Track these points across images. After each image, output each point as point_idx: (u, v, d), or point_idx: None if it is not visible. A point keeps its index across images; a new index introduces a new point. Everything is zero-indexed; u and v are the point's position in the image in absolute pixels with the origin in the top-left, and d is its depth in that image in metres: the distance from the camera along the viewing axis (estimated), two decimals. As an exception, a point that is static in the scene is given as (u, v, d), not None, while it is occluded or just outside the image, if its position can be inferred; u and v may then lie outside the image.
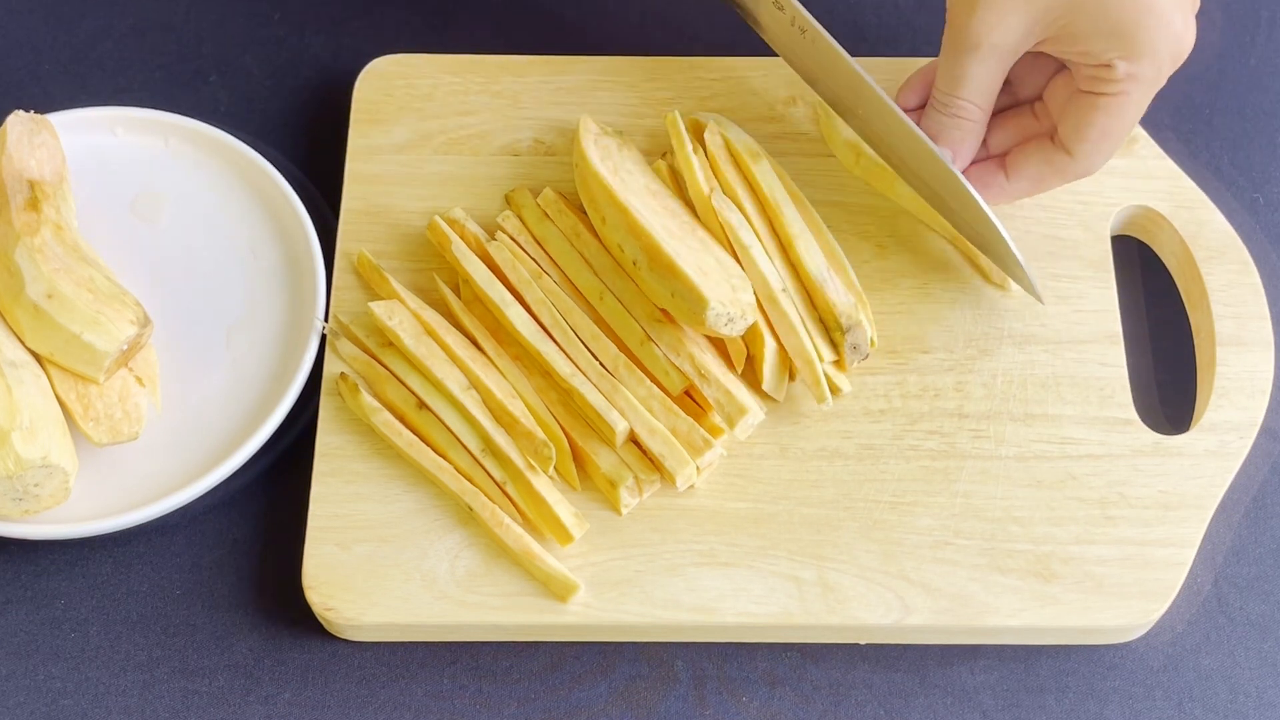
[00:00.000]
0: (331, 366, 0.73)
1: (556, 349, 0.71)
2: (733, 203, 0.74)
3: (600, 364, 0.71)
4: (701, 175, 0.75)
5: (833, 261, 0.74)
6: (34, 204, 0.71)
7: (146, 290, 0.73)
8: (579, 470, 0.70)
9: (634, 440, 0.70)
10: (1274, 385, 0.73)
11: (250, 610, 0.70)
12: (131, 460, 0.71)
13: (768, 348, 0.71)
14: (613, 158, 0.75)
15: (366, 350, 0.73)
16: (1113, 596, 0.68)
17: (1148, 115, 0.71)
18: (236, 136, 0.78)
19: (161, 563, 0.71)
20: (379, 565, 0.68)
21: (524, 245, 0.75)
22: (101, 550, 0.71)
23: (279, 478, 0.73)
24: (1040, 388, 0.73)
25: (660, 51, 0.82)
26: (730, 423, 0.70)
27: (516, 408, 0.70)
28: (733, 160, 0.76)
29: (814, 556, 0.69)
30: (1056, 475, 0.71)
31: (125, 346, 0.69)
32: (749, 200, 0.75)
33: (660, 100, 0.80)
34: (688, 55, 0.81)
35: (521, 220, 0.76)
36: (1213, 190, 0.78)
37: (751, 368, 0.72)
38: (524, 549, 0.68)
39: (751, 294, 0.70)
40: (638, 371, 0.71)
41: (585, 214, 0.75)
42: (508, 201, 0.77)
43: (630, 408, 0.70)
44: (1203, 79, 0.84)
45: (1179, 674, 0.69)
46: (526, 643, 0.69)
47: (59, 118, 0.78)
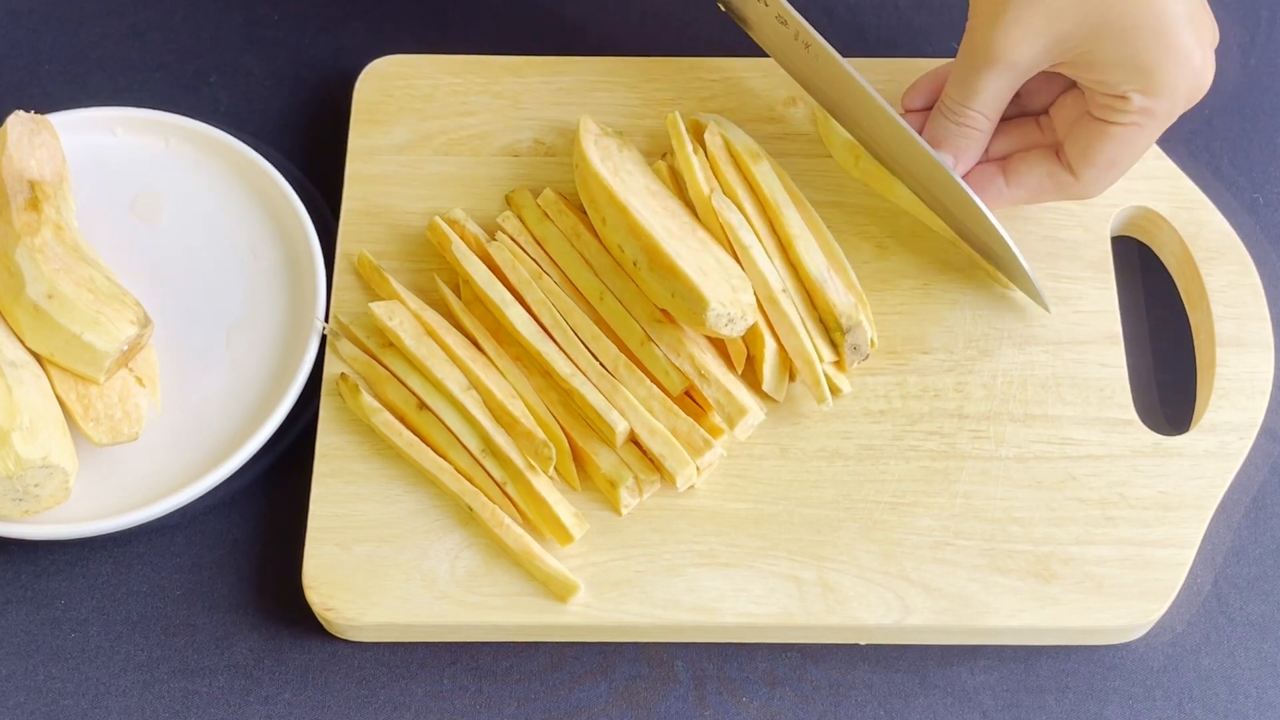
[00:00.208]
0: (332, 367, 0.73)
1: (556, 349, 0.71)
2: (733, 203, 0.74)
3: (600, 364, 0.71)
4: (701, 176, 0.75)
5: (833, 262, 0.74)
6: (34, 204, 0.71)
7: (146, 290, 0.73)
8: (579, 470, 0.70)
9: (634, 440, 0.70)
10: (1274, 386, 0.73)
11: (250, 610, 0.70)
12: (131, 460, 0.71)
13: (768, 348, 0.71)
14: (613, 158, 0.75)
15: (367, 350, 0.73)
16: (1113, 597, 0.68)
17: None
18: (236, 136, 0.78)
19: (161, 563, 0.71)
20: (379, 565, 0.68)
21: (524, 246, 0.75)
22: (101, 550, 0.71)
23: (279, 478, 0.73)
24: (1040, 388, 0.73)
25: (660, 51, 0.82)
26: (730, 423, 0.70)
27: (517, 408, 0.70)
28: (733, 161, 0.76)
29: (814, 557, 0.69)
30: (1056, 476, 0.71)
31: (125, 346, 0.69)
32: (749, 201, 0.75)
33: (660, 100, 0.80)
34: (688, 55, 0.81)
35: (522, 221, 0.76)
36: (1213, 190, 0.78)
37: (751, 368, 0.72)
38: (524, 549, 0.68)
39: (752, 294, 0.70)
40: (638, 372, 0.71)
41: (585, 214, 0.75)
42: (508, 202, 0.77)
43: (630, 408, 0.70)
44: (1203, 79, 0.84)
45: (1179, 674, 0.69)
46: (526, 643, 0.69)
47: (59, 118, 0.78)
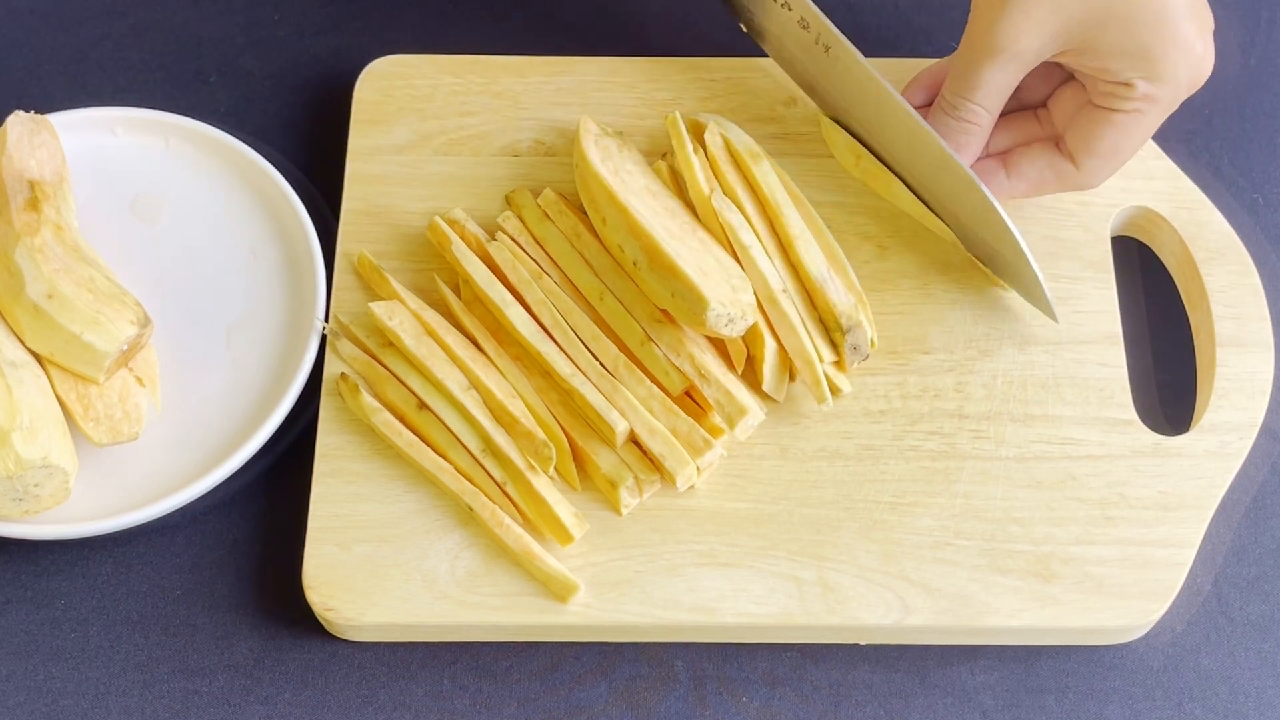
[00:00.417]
0: (332, 367, 0.73)
1: (557, 349, 0.71)
2: (733, 203, 0.74)
3: (600, 364, 0.71)
4: (702, 176, 0.75)
5: (833, 262, 0.74)
6: (34, 204, 0.71)
7: (146, 290, 0.73)
8: (579, 470, 0.70)
9: (634, 440, 0.70)
10: (1274, 386, 0.73)
11: (250, 610, 0.70)
12: (131, 460, 0.71)
13: (768, 348, 0.71)
14: (613, 158, 0.75)
15: (367, 350, 0.73)
16: (1113, 597, 0.68)
17: (1148, 115, 0.71)
18: (236, 136, 0.78)
19: (161, 563, 0.71)
20: (379, 565, 0.68)
21: (524, 246, 0.75)
22: (101, 550, 0.71)
23: (279, 478, 0.73)
24: (1040, 388, 0.73)
25: (660, 51, 0.82)
26: (730, 423, 0.70)
27: (517, 408, 0.70)
28: (733, 161, 0.76)
29: (814, 557, 0.69)
30: (1056, 476, 0.70)
31: (125, 346, 0.69)
32: (749, 201, 0.74)
33: (660, 100, 0.80)
34: (688, 55, 0.81)
35: (522, 221, 0.76)
36: (1213, 190, 0.78)
37: (751, 368, 0.72)
38: (524, 549, 0.68)
39: (752, 294, 0.70)
40: (638, 372, 0.71)
41: (585, 214, 0.75)
42: (508, 202, 0.77)
43: (630, 408, 0.70)
44: (1203, 79, 0.84)
45: (1179, 674, 0.69)
46: (526, 643, 0.69)
47: (59, 118, 0.78)
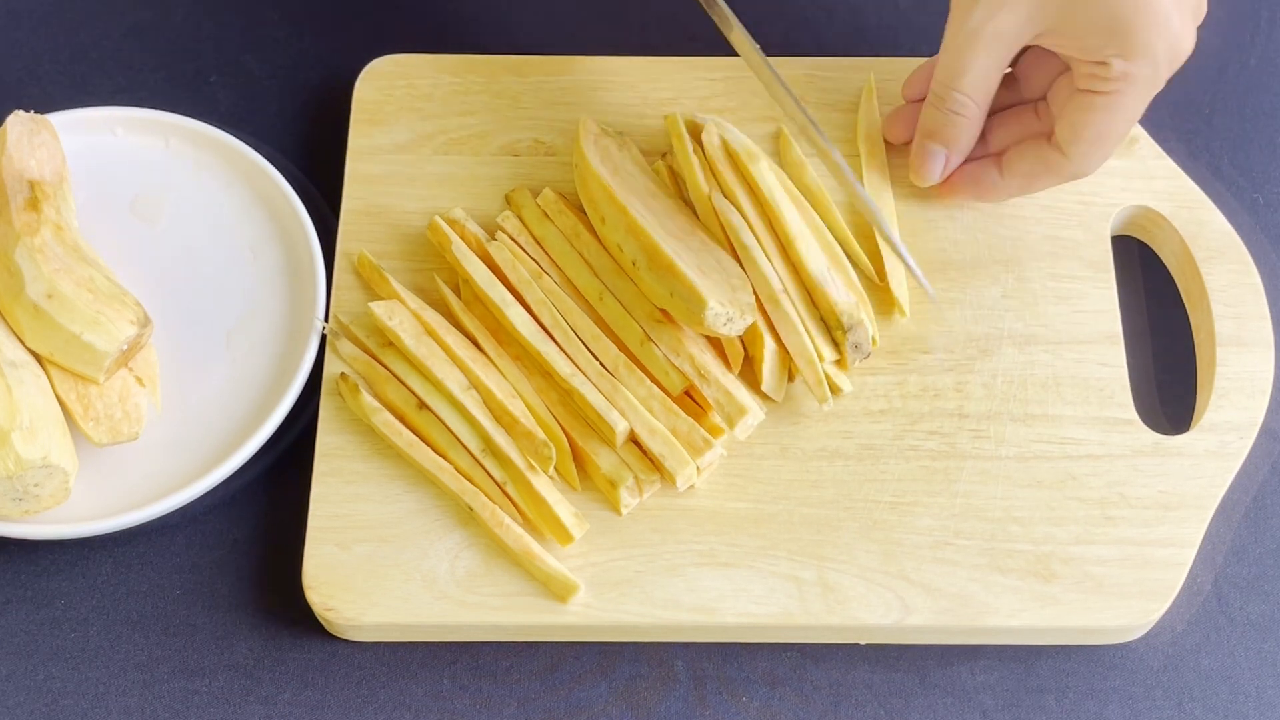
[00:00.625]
0: (331, 366, 0.73)
1: (556, 349, 0.71)
2: (732, 204, 0.74)
3: (600, 364, 0.71)
4: (701, 176, 0.75)
5: (833, 261, 0.74)
6: (34, 204, 0.71)
7: (146, 290, 0.73)
8: (579, 470, 0.70)
9: (634, 440, 0.70)
10: (1274, 385, 0.73)
11: (250, 610, 0.70)
12: (131, 460, 0.71)
13: (767, 348, 0.71)
14: (612, 158, 0.75)
15: (366, 350, 0.73)
16: (1113, 596, 0.68)
17: (1148, 115, 0.71)
18: (236, 136, 0.78)
19: (161, 563, 0.71)
20: (379, 565, 0.68)
21: (524, 245, 0.75)
22: (101, 550, 0.71)
23: (279, 478, 0.73)
24: (1040, 388, 0.73)
25: (660, 51, 0.82)
26: (730, 423, 0.70)
27: (516, 408, 0.70)
28: (731, 161, 0.76)
29: (814, 556, 0.68)
30: (1056, 475, 0.70)
31: (125, 346, 0.69)
32: (748, 201, 0.74)
33: (660, 100, 0.80)
34: (688, 55, 0.81)
35: (521, 220, 0.76)
36: (1213, 190, 0.78)
37: (750, 368, 0.72)
38: (524, 549, 0.68)
39: (751, 294, 0.70)
40: (638, 371, 0.71)
41: (585, 214, 0.75)
42: (508, 201, 0.77)
43: (630, 408, 0.70)
44: (1203, 79, 0.83)
45: (1179, 674, 0.69)
46: (526, 643, 0.69)
47: (59, 118, 0.78)
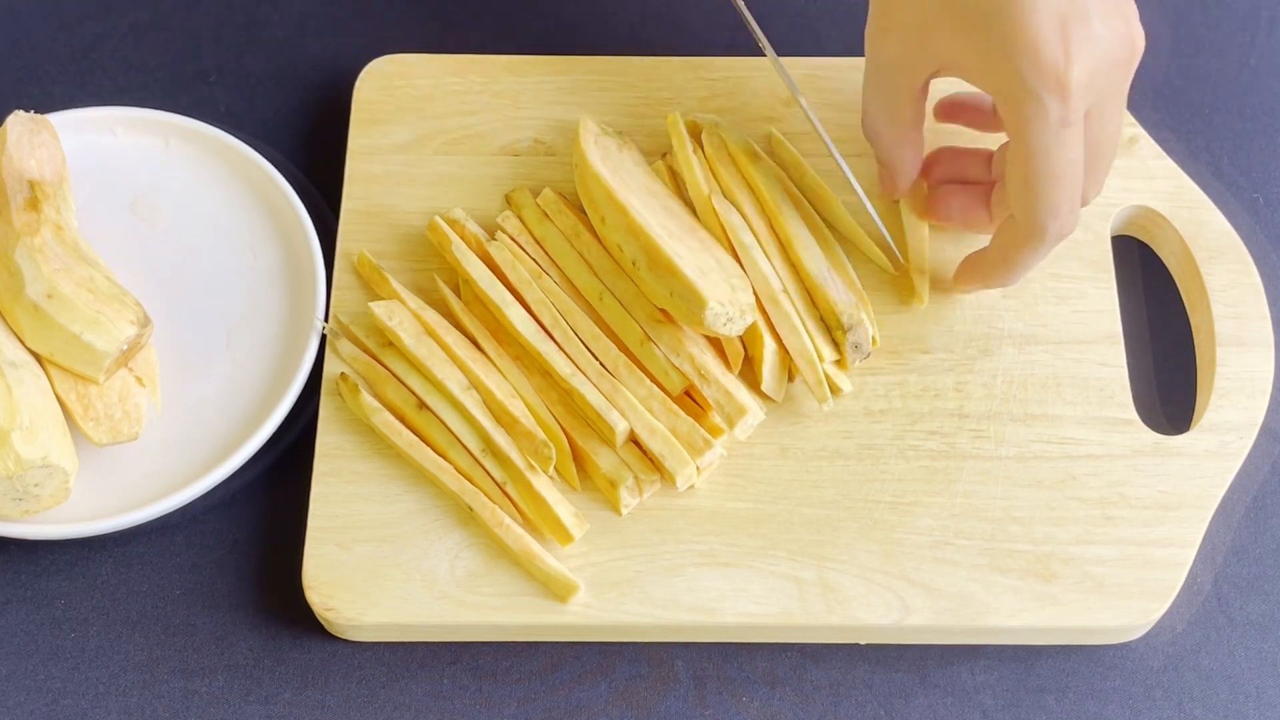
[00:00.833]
0: (331, 366, 0.73)
1: (556, 349, 0.71)
2: (732, 204, 0.74)
3: (600, 364, 0.71)
4: (701, 175, 0.75)
5: (833, 261, 0.74)
6: (34, 204, 0.71)
7: (146, 290, 0.73)
8: (579, 470, 0.70)
9: (634, 440, 0.70)
10: (1274, 385, 0.73)
11: (250, 610, 0.70)
12: (131, 460, 0.71)
13: (767, 348, 0.71)
14: (613, 158, 0.75)
15: (366, 350, 0.73)
16: (1113, 596, 0.68)
17: (1148, 115, 0.70)
18: (236, 136, 0.78)
19: (161, 563, 0.71)
20: (379, 565, 0.68)
21: (524, 245, 0.75)
22: (101, 550, 0.71)
23: (279, 478, 0.73)
24: (1040, 388, 0.73)
25: (660, 51, 0.82)
26: (730, 423, 0.70)
27: (516, 408, 0.70)
28: (731, 161, 0.76)
29: (814, 556, 0.68)
30: (1056, 475, 0.70)
31: (125, 346, 0.69)
32: (748, 201, 0.74)
33: (660, 100, 0.80)
34: (688, 55, 0.81)
35: (521, 220, 0.76)
36: (1213, 190, 0.78)
37: (750, 368, 0.72)
38: (524, 549, 0.68)
39: (750, 294, 0.70)
40: (638, 371, 0.71)
41: (585, 214, 0.75)
42: (508, 201, 0.77)
43: (630, 408, 0.70)
44: (1203, 79, 0.83)
45: (1179, 674, 0.69)
46: (526, 643, 0.69)
47: (59, 118, 0.78)
